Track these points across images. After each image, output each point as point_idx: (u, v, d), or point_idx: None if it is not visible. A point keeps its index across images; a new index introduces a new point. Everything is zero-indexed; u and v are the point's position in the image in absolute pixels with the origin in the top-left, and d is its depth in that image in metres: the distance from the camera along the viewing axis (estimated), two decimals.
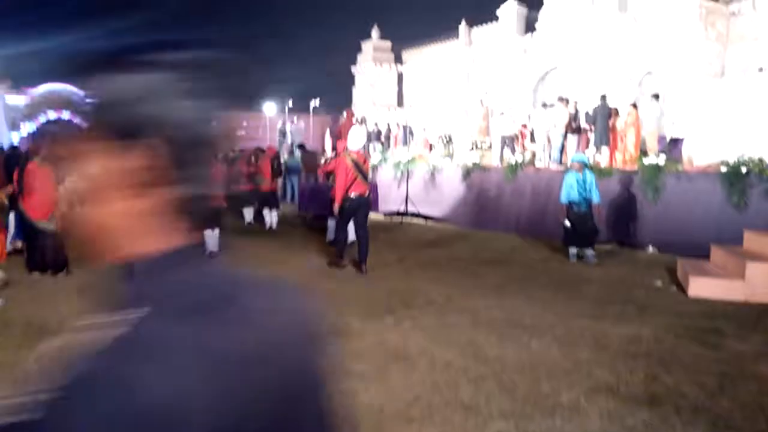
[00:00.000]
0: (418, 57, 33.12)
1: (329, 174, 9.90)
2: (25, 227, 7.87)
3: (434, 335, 5.32)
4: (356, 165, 8.15)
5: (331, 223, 10.38)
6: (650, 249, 9.88)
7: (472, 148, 19.01)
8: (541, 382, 4.27)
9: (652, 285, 7.49)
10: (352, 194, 8.13)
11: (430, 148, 20.60)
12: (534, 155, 15.62)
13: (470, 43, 28.74)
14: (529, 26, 25.89)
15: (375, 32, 33.63)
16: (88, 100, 0.74)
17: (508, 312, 6.13)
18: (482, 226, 12.94)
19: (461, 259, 9.26)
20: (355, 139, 8.57)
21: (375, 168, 16.46)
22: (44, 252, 7.41)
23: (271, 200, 12.77)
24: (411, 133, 20.15)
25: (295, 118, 23.17)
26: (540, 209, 11.97)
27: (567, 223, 9.06)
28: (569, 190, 9.01)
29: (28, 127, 29.87)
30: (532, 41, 25.66)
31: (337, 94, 32.99)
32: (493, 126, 18.87)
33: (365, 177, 8.28)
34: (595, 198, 9.00)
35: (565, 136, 14.22)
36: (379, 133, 22.29)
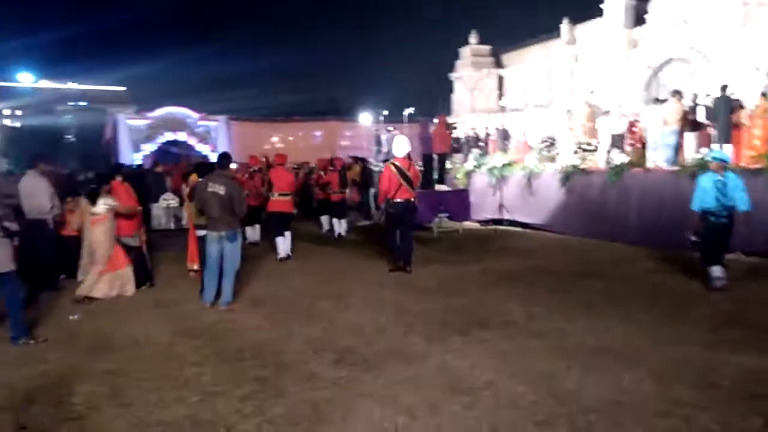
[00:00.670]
0: (518, 59, 31.95)
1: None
2: None
3: (506, 363, 4.68)
4: (400, 171, 8.48)
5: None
6: None
7: (577, 151, 17.81)
8: (624, 427, 3.53)
9: None
10: (397, 200, 8.49)
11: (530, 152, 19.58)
12: (642, 155, 14.25)
13: (573, 41, 27.19)
14: (639, 18, 24.04)
15: (473, 37, 32.86)
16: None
17: (598, 336, 5.33)
18: (584, 234, 11.88)
19: (554, 271, 8.42)
20: (399, 147, 8.78)
21: (469, 174, 15.84)
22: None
23: (337, 210, 12.80)
24: (508, 137, 19.20)
25: (389, 127, 23.01)
26: (650, 215, 10.77)
27: (692, 237, 7.27)
28: (703, 195, 7.16)
29: (148, 148, 32.12)
30: (642, 33, 23.81)
31: (435, 103, 32.54)
32: (600, 126, 17.54)
33: (410, 183, 8.56)
34: (742, 204, 6.97)
35: (680, 134, 12.77)
36: (477, 138, 21.56)
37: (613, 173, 11.58)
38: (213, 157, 32.49)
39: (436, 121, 13.50)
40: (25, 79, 38.63)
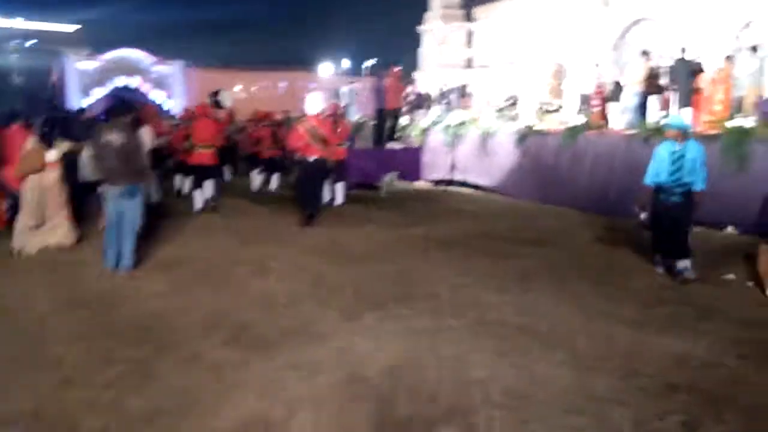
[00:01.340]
0: (491, 13, 30.92)
1: None
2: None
3: (416, 345, 4.23)
4: (310, 131, 8.66)
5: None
6: (729, 229, 8.21)
7: (539, 111, 17.35)
8: (528, 427, 3.12)
9: (721, 279, 5.98)
10: (307, 158, 8.72)
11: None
12: (602, 118, 13.85)
13: None
14: None
15: None
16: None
17: (525, 312, 4.93)
18: (536, 199, 11.50)
19: (496, 237, 7.99)
20: (311, 104, 8.99)
21: (425, 132, 15.25)
22: None
23: (269, 166, 12.75)
24: (465, 94, 18.56)
25: (350, 80, 22.12)
26: (602, 180, 10.40)
27: (642, 215, 6.30)
28: (658, 167, 6.14)
29: (98, 93, 30.55)
30: None
31: (400, 55, 31.43)
32: (567, 85, 17.04)
33: (323, 141, 8.74)
34: (699, 182, 6.03)
35: (644, 96, 12.31)
36: (442, 95, 20.87)
37: (568, 135, 11.13)
38: (169, 105, 31.26)
39: (390, 74, 12.78)
40: None
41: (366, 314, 4.87)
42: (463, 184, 13.25)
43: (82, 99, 30.16)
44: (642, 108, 12.07)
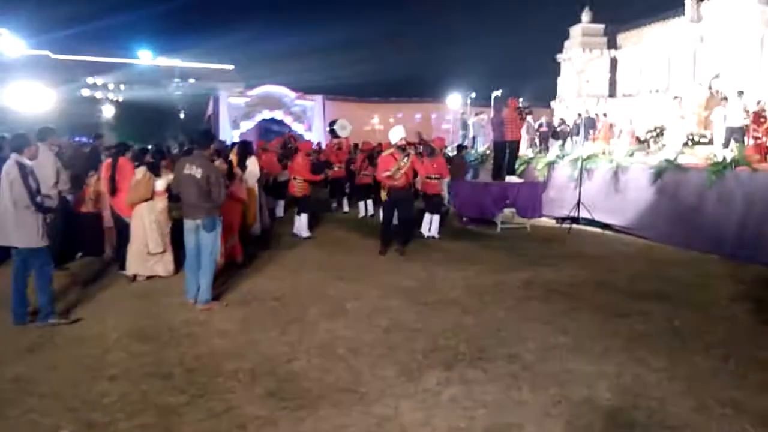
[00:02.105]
0: (635, 40, 28.85)
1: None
2: None
3: (470, 422, 3.56)
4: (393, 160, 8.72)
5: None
6: None
7: (687, 143, 15.59)
8: None
9: None
10: (393, 188, 8.84)
11: (638, 143, 17.50)
12: (764, 151, 12.06)
13: (698, 18, 23.96)
14: None
15: (586, 15, 30.02)
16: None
17: (622, 391, 4.03)
18: (673, 242, 10.10)
19: (612, 288, 6.96)
20: (393, 136, 8.96)
21: (551, 165, 14.23)
22: None
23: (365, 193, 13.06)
24: (594, 125, 17.18)
25: (477, 110, 21.49)
26: (755, 225, 8.85)
27: None
28: None
29: (245, 125, 32.75)
30: None
31: (539, 86, 30.32)
32: (717, 116, 15.20)
33: (405, 173, 8.78)
34: None
35: None
36: (579, 125, 19.60)
37: (713, 172, 9.66)
38: (308, 137, 32.73)
39: (508, 105, 12.03)
40: (144, 56, 40.79)
41: (429, 374, 4.27)
42: (591, 222, 12.06)
43: (232, 131, 32.51)
44: None
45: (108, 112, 36.76)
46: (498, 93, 17.29)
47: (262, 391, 3.95)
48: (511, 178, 12.30)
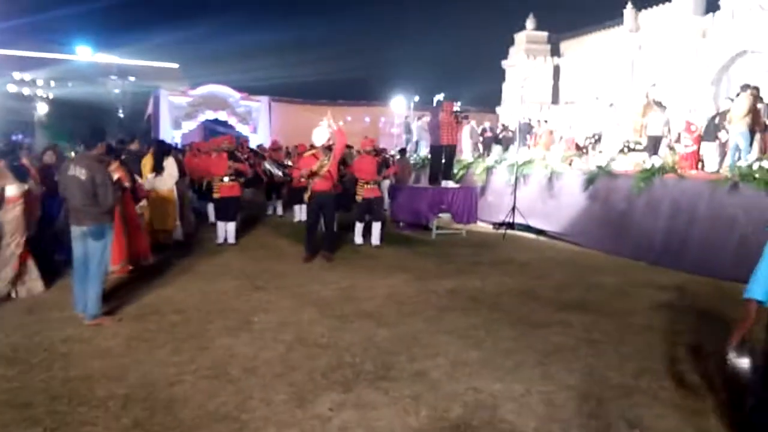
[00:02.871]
0: (577, 48, 29.35)
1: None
2: None
3: None
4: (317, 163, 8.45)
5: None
6: None
7: (623, 150, 15.80)
8: None
9: None
10: (315, 191, 8.58)
11: (577, 150, 17.62)
12: (695, 159, 12.20)
13: (637, 28, 24.50)
14: (711, 5, 21.26)
15: (530, 22, 30.37)
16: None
17: (526, 414, 3.77)
18: (605, 249, 10.11)
19: (536, 297, 6.78)
20: (317, 137, 8.63)
21: (489, 170, 14.15)
22: None
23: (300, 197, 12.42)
24: (530, 131, 17.27)
25: (420, 114, 21.29)
26: (679, 232, 8.88)
27: (738, 362, 2.91)
28: None
29: (187, 126, 31.73)
30: (713, 22, 21.01)
31: (486, 91, 30.50)
32: (651, 123, 15.42)
33: (324, 175, 8.49)
34: None
35: (751, 135, 10.54)
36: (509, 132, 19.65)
37: (641, 179, 9.68)
38: (253, 139, 31.96)
39: (444, 109, 11.84)
40: (82, 52, 39.17)
41: (324, 397, 3.91)
42: (527, 228, 11.98)
43: (173, 131, 31.44)
44: (742, 149, 10.34)
45: (41, 109, 35.03)
46: (440, 97, 17.13)
47: (128, 422, 3.50)
48: (447, 183, 12.10)
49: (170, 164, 9.17)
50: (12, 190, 6.01)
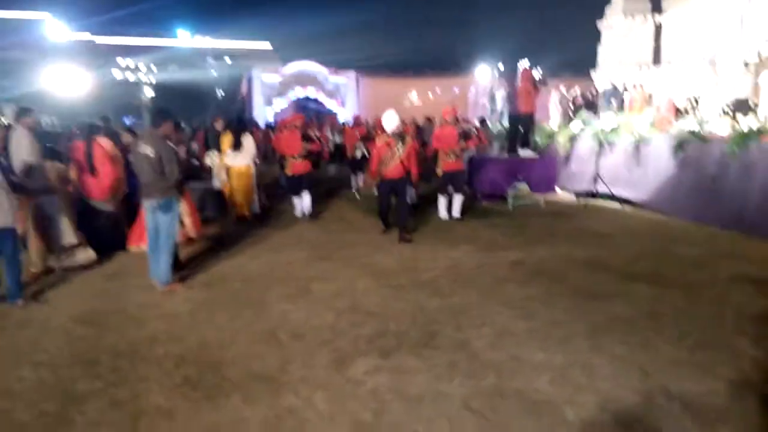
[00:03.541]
0: (681, 3, 27.16)
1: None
2: None
3: (377, 418, 3.30)
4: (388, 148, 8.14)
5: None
6: None
7: (725, 113, 14.61)
8: None
9: None
10: (386, 178, 8.25)
11: (677, 113, 16.51)
12: None
13: None
14: None
15: None
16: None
17: (562, 383, 3.69)
18: (693, 218, 9.47)
19: (606, 268, 6.50)
20: (388, 122, 8.31)
21: (574, 138, 13.57)
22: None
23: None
24: (617, 95, 16.27)
25: (503, 83, 20.67)
26: None
27: None
28: None
29: (279, 103, 32.78)
30: None
31: (577, 54, 29.11)
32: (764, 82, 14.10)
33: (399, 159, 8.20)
34: None
35: None
36: (613, 93, 18.63)
37: (735, 143, 8.92)
38: (341, 113, 32.51)
39: (522, 76, 11.44)
40: (183, 36, 41.28)
41: (361, 362, 4.02)
42: (612, 197, 11.44)
43: (266, 108, 32.64)
44: None
45: (148, 93, 37.48)
46: (525, 64, 16.53)
47: (179, 380, 3.79)
48: (525, 152, 11.77)
49: (248, 141, 9.55)
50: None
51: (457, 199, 9.80)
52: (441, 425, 3.19)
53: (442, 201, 9.87)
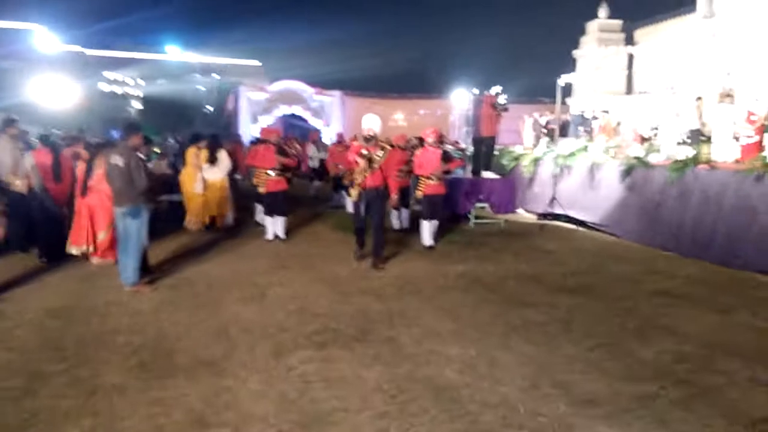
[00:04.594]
0: (652, 35, 28.33)
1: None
2: None
3: (300, 395, 3.86)
4: (364, 157, 7.68)
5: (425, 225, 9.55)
6: None
7: (682, 142, 15.42)
8: None
9: None
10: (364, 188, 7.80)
11: (642, 141, 17.32)
12: (757, 151, 11.85)
13: (711, 14, 23.47)
14: None
15: (603, 10, 29.62)
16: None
17: (466, 371, 4.27)
18: (638, 240, 10.18)
19: (541, 281, 7.11)
20: (367, 125, 7.86)
21: (537, 162, 14.30)
22: None
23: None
24: (585, 122, 17.09)
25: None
26: (710, 222, 8.84)
27: None
28: None
29: (264, 120, 33.42)
30: None
31: (553, 82, 29.98)
32: (719, 113, 14.94)
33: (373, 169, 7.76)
34: None
35: None
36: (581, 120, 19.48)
37: (674, 169, 9.66)
38: (326, 132, 33.21)
39: (484, 101, 12.16)
40: (172, 51, 41.85)
41: (298, 353, 4.59)
42: (570, 219, 12.14)
43: (251, 125, 33.27)
44: None
45: (135, 106, 38.02)
46: (498, 90, 17.32)
47: (134, 363, 4.33)
48: (486, 174, 12.45)
49: (222, 156, 10.14)
50: None
51: (433, 225, 9.30)
52: (354, 401, 3.76)
53: (425, 226, 9.28)
